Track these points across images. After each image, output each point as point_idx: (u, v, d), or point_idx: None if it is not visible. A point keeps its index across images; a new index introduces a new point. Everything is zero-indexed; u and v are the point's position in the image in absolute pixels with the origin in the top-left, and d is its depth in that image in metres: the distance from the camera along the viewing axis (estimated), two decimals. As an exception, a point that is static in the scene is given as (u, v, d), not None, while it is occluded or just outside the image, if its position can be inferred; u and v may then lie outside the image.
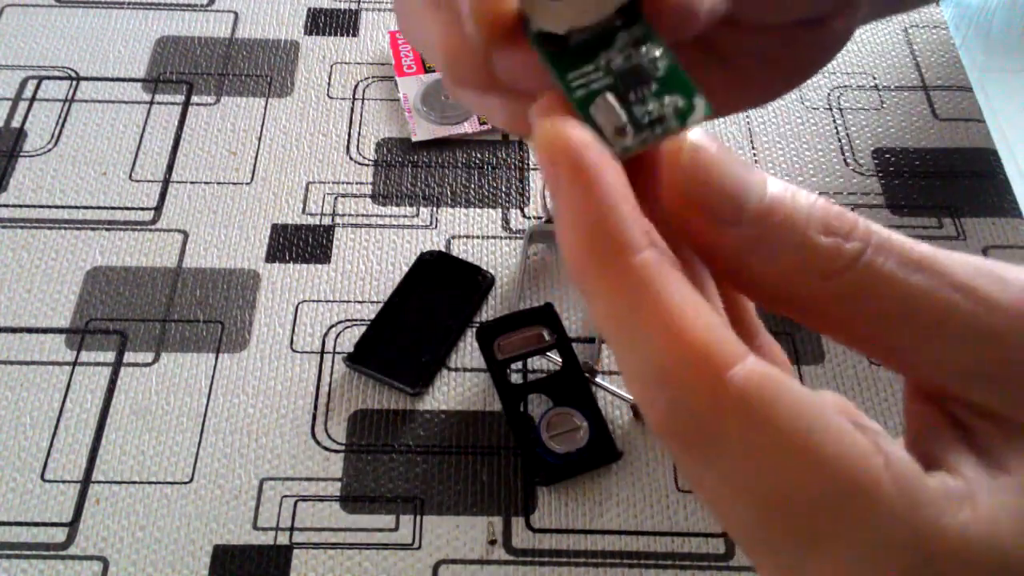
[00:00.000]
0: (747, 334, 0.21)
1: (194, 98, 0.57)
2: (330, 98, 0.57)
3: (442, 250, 0.50)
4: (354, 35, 0.61)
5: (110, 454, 0.43)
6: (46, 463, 0.43)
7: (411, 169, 0.54)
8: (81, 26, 0.60)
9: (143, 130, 0.55)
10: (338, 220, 0.52)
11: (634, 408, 0.45)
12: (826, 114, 0.57)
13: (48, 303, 0.48)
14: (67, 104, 0.56)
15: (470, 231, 0.51)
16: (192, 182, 0.53)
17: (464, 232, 0.51)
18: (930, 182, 0.54)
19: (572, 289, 0.49)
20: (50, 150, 0.54)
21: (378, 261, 0.50)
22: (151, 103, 0.56)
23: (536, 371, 0.46)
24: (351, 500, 0.42)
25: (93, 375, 0.45)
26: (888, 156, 0.56)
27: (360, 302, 0.49)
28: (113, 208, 0.52)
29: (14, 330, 0.47)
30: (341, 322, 0.48)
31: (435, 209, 0.52)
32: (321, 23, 0.61)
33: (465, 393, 0.45)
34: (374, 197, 0.53)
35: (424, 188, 0.53)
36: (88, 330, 0.47)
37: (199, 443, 0.44)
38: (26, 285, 0.48)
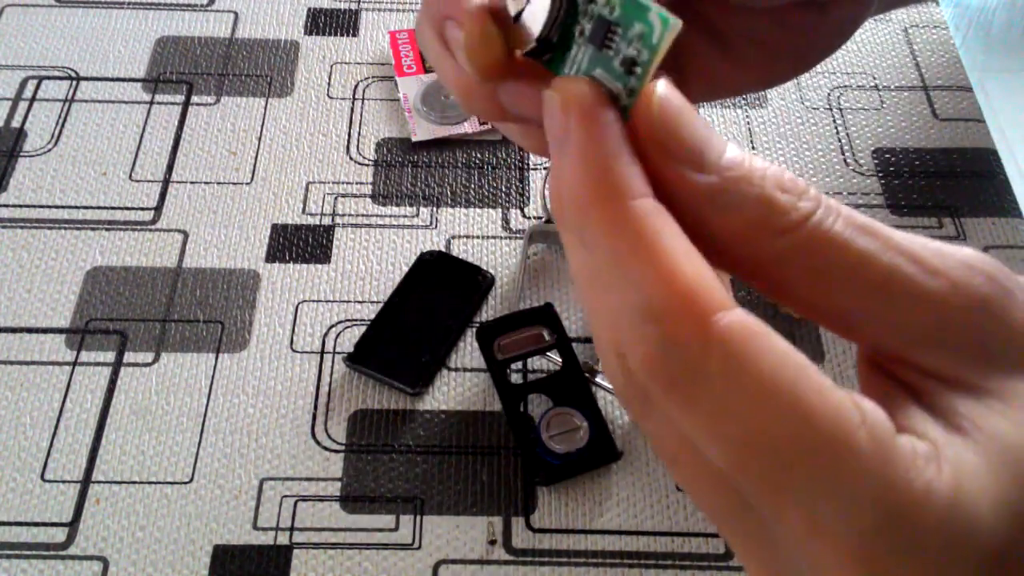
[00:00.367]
0: None
1: (194, 98, 0.57)
2: (330, 98, 0.57)
3: (442, 250, 0.50)
4: (354, 35, 0.61)
5: (110, 454, 0.43)
6: (46, 463, 0.43)
7: (411, 169, 0.54)
8: (81, 26, 0.60)
9: (143, 130, 0.55)
10: (338, 220, 0.52)
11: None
12: (826, 114, 0.57)
13: (48, 303, 0.48)
14: (67, 104, 0.56)
15: (470, 231, 0.51)
16: (192, 182, 0.53)
17: (464, 232, 0.51)
18: (930, 182, 0.54)
19: (572, 289, 0.49)
20: (50, 150, 0.54)
21: (378, 261, 0.50)
22: (151, 103, 0.56)
23: (536, 371, 0.46)
24: (351, 500, 0.42)
25: (93, 375, 0.45)
26: (888, 156, 0.56)
27: (360, 302, 0.49)
28: (113, 208, 0.52)
29: (14, 330, 0.47)
30: (341, 322, 0.48)
31: (435, 209, 0.52)
32: (321, 23, 0.61)
33: (465, 393, 0.46)
34: (374, 197, 0.53)
35: (424, 188, 0.53)
36: (88, 330, 0.47)
37: (199, 443, 0.44)
38: (26, 285, 0.48)
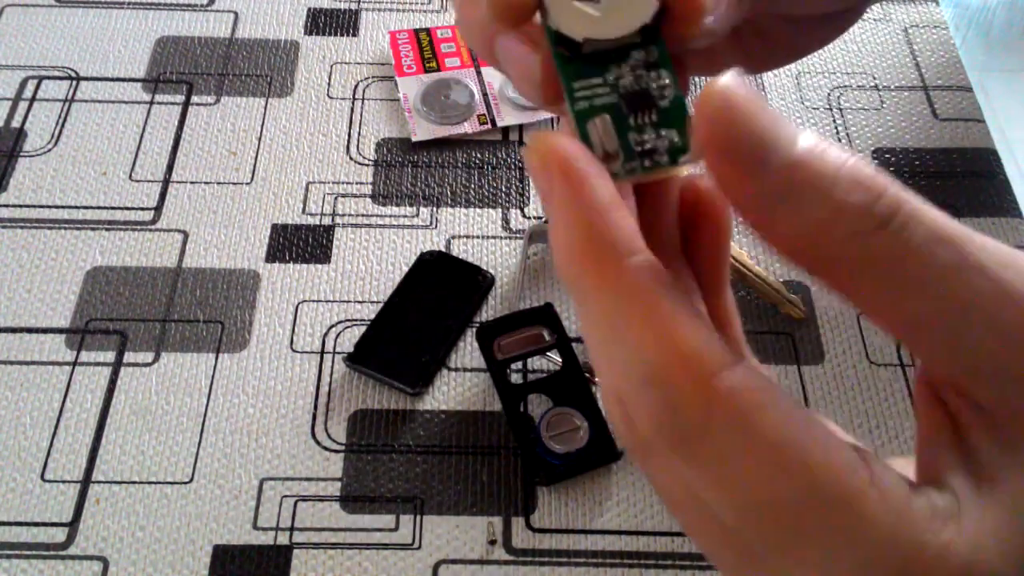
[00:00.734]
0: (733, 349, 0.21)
1: (194, 98, 0.57)
2: (330, 98, 0.57)
3: (442, 250, 0.50)
4: (354, 35, 0.61)
5: (110, 454, 0.43)
6: (46, 463, 0.43)
7: (411, 169, 0.54)
8: (81, 26, 0.60)
9: (143, 130, 0.55)
10: (338, 220, 0.52)
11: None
12: (826, 114, 0.57)
13: (48, 303, 0.48)
14: (67, 104, 0.56)
15: (470, 231, 0.51)
16: (192, 182, 0.53)
17: (464, 232, 0.51)
18: (930, 182, 0.54)
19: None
20: (50, 150, 0.54)
21: (378, 261, 0.50)
22: (151, 103, 0.56)
23: (536, 371, 0.46)
24: (351, 500, 0.42)
25: (93, 375, 0.45)
26: (888, 156, 0.56)
27: (360, 302, 0.49)
28: (113, 208, 0.52)
29: (14, 330, 0.47)
30: (341, 322, 0.48)
31: (435, 209, 0.52)
32: (321, 23, 0.61)
33: (465, 393, 0.45)
34: (374, 197, 0.53)
35: (424, 188, 0.53)
36: (88, 330, 0.47)
37: (199, 443, 0.44)
38: (26, 285, 0.48)
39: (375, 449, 0.44)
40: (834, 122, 0.57)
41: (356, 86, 0.58)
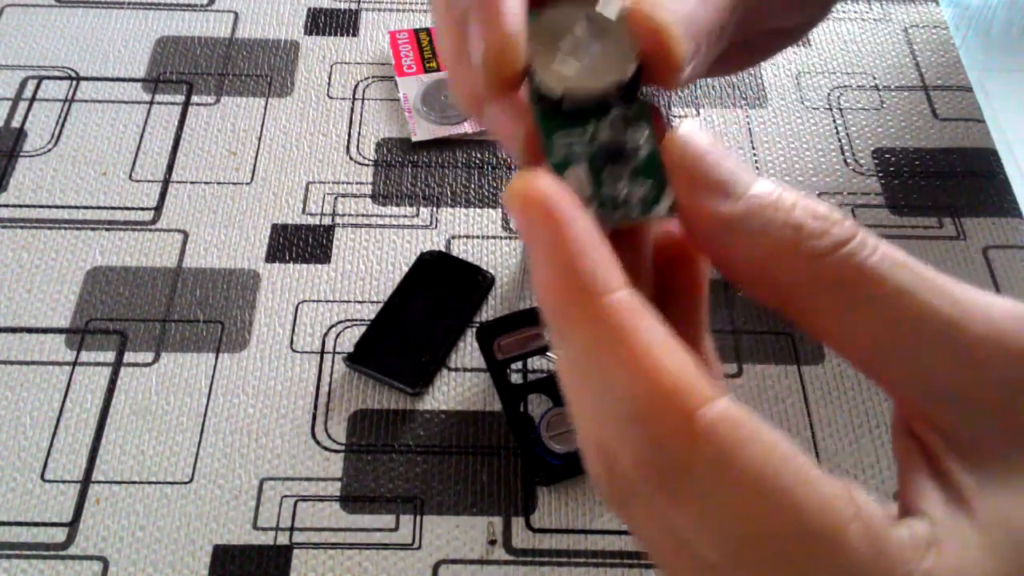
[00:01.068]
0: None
1: (194, 98, 0.57)
2: (330, 98, 0.57)
3: (442, 250, 0.50)
4: (354, 35, 0.61)
5: (110, 454, 0.43)
6: (46, 463, 0.43)
7: (411, 169, 0.54)
8: (81, 26, 0.60)
9: (143, 130, 0.55)
10: (338, 220, 0.52)
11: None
12: (826, 114, 0.57)
13: (48, 303, 0.48)
14: (67, 104, 0.56)
15: (470, 231, 0.51)
16: (192, 182, 0.53)
17: (464, 232, 0.51)
18: (930, 182, 0.54)
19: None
20: (50, 150, 0.54)
21: (378, 261, 0.50)
22: (151, 103, 0.56)
23: (536, 371, 0.46)
24: (351, 500, 0.42)
25: (93, 375, 0.45)
26: (888, 156, 0.56)
27: (360, 302, 0.49)
28: (113, 208, 0.52)
29: (14, 330, 0.47)
30: (341, 322, 0.48)
31: (435, 209, 0.52)
32: (321, 23, 0.61)
33: (465, 393, 0.46)
34: (374, 197, 0.53)
35: (424, 188, 0.53)
36: (88, 330, 0.47)
37: (199, 443, 0.44)
38: (26, 285, 0.48)
39: (375, 449, 0.44)
40: (834, 122, 0.57)
41: (356, 86, 0.58)
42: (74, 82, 0.57)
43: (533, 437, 0.42)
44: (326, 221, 0.52)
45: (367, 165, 0.54)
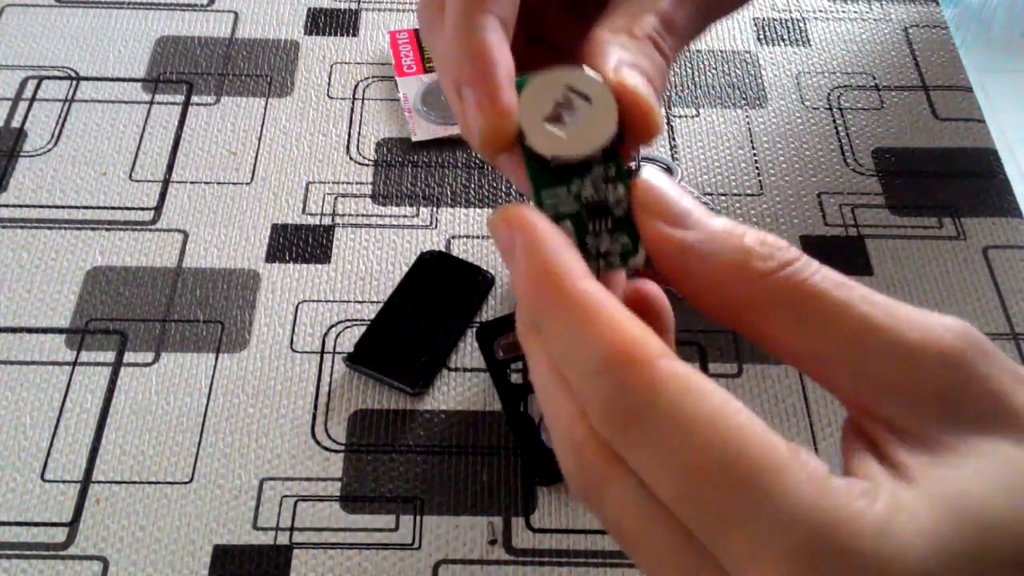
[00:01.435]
0: None
1: (194, 98, 0.57)
2: (330, 98, 0.57)
3: (442, 250, 0.50)
4: (354, 35, 0.61)
5: (110, 454, 0.43)
6: (46, 463, 0.43)
7: (411, 169, 0.54)
8: (81, 26, 0.60)
9: (143, 130, 0.55)
10: (338, 220, 0.52)
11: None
12: (826, 114, 0.57)
13: (48, 303, 0.48)
14: (67, 104, 0.56)
15: (470, 231, 0.51)
16: (192, 182, 0.53)
17: (464, 232, 0.51)
18: (930, 182, 0.54)
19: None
20: (50, 150, 0.54)
21: (378, 261, 0.50)
22: (151, 103, 0.56)
23: (536, 371, 0.46)
24: (351, 500, 0.42)
25: (93, 375, 0.45)
26: (888, 156, 0.56)
27: (360, 302, 0.49)
28: (113, 208, 0.52)
29: (14, 330, 0.47)
30: (341, 322, 0.48)
31: (435, 209, 0.52)
32: (321, 23, 0.61)
33: (465, 393, 0.46)
34: (374, 197, 0.53)
35: (424, 188, 0.53)
36: (88, 330, 0.47)
37: (199, 443, 0.44)
38: (26, 285, 0.48)
39: (375, 449, 0.44)
40: (834, 122, 0.57)
41: (356, 86, 0.58)
42: (74, 82, 0.57)
43: (533, 437, 0.42)
44: (326, 221, 0.52)
45: (367, 165, 0.54)
